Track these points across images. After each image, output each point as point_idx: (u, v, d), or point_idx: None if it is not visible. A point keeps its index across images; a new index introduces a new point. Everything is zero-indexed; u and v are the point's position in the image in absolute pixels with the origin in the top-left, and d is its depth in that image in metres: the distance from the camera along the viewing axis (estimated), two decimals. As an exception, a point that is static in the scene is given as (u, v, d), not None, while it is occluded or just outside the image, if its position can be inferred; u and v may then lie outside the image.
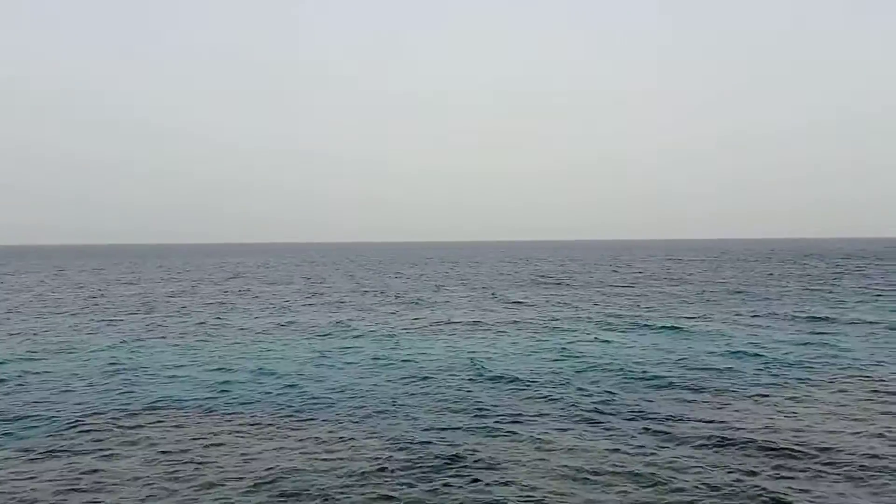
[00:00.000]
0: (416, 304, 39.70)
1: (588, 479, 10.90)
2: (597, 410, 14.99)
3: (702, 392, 16.56)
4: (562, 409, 15.23)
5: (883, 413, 14.46)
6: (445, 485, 10.77)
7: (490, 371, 19.33)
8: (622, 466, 11.39)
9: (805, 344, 23.19)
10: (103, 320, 32.45)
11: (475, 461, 11.79)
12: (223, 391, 17.40)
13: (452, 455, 12.09)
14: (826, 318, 29.56)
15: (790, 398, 15.87)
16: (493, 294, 46.07)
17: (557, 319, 31.15)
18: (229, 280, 65.95)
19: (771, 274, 64.61)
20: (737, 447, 12.26)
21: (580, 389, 17.01)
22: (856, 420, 13.94)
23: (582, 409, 15.06)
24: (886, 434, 12.92)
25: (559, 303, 39.26)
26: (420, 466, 11.59)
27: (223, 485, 10.88)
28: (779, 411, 14.73)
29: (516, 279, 62.89)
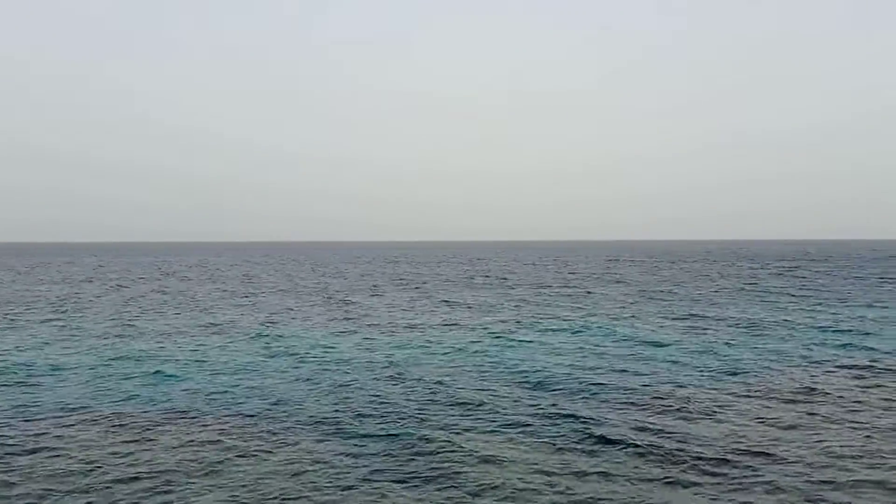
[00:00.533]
0: (346, 304, 38.90)
1: (510, 488, 10.49)
2: (523, 414, 14.64)
3: (629, 395, 16.27)
4: (484, 413, 14.81)
5: (808, 414, 14.47)
6: (352, 496, 10.25)
7: (411, 374, 18.82)
8: (547, 476, 11.00)
9: (727, 344, 23.40)
10: (16, 321, 30.76)
11: (388, 468, 11.31)
12: (132, 394, 16.67)
13: (364, 463, 11.60)
14: (754, 319, 30.01)
15: (714, 401, 15.77)
16: (427, 295, 45.62)
17: (488, 320, 30.88)
18: (161, 279, 63.88)
19: (706, 275, 65.87)
20: (663, 454, 11.97)
21: (503, 392, 16.65)
22: (782, 423, 13.83)
23: (506, 414, 14.69)
24: (811, 441, 12.82)
25: (491, 304, 39.04)
26: (330, 472, 11.09)
27: (114, 488, 10.51)
28: (705, 415, 14.55)
29: (456, 279, 62.57)
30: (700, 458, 11.65)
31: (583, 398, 16.07)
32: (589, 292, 46.60)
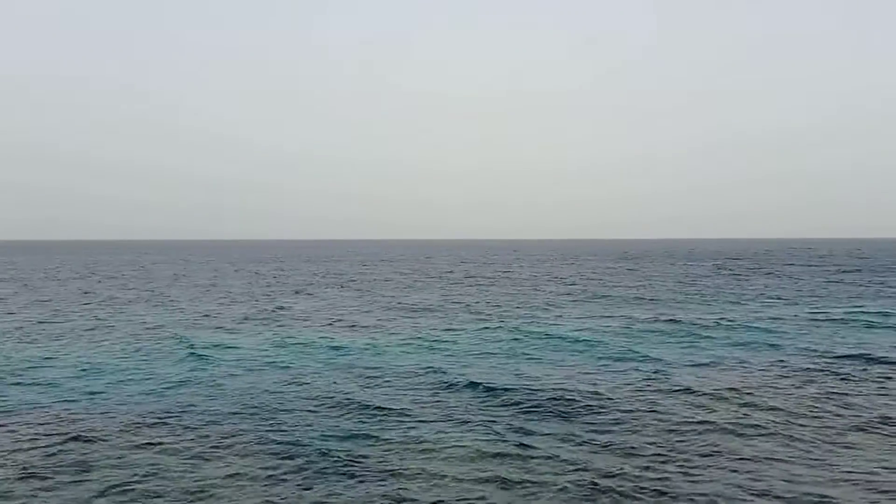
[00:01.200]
0: (269, 304, 37.28)
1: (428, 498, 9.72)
2: (443, 420, 13.88)
3: (552, 398, 15.51)
4: (403, 419, 13.96)
5: (735, 417, 14.01)
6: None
7: (327, 377, 17.81)
8: (468, 483, 10.34)
9: (655, 345, 23.01)
10: None
11: (295, 479, 10.32)
12: (21, 399, 15.66)
13: (269, 472, 10.61)
14: (685, 319, 29.81)
15: (636, 402, 15.20)
16: (361, 294, 44.47)
17: (417, 320, 30.00)
18: (83, 279, 61.05)
19: (646, 274, 66.33)
20: (584, 460, 11.33)
21: (423, 398, 15.82)
22: (705, 427, 13.25)
23: (425, 420, 13.89)
24: (734, 445, 12.34)
25: (425, 303, 38.17)
26: (226, 478, 10.11)
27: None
28: (625, 418, 13.94)
29: (392, 278, 61.52)
30: (618, 466, 11.05)
31: (502, 402, 15.28)
32: (527, 291, 46.14)
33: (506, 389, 16.23)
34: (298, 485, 10.27)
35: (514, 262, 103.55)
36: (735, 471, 10.79)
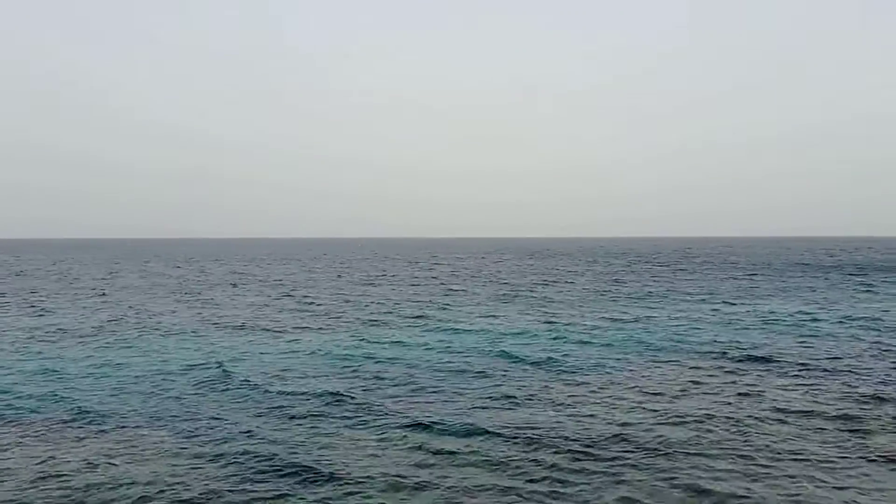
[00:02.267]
0: (141, 308, 34.24)
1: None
2: (313, 434, 12.55)
3: (463, 395, 14.87)
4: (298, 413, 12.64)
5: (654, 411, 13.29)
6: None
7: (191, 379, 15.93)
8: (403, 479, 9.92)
9: (580, 342, 22.39)
10: None
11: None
12: None
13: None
14: (587, 319, 29.13)
15: (549, 412, 14.16)
16: (266, 293, 42.31)
17: (326, 320, 28.30)
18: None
19: (573, 271, 66.26)
20: (506, 458, 10.96)
21: (318, 406, 14.37)
22: (615, 422, 12.66)
23: (344, 414, 13.23)
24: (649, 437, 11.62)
25: (332, 304, 36.39)
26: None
27: None
28: (535, 430, 12.77)
29: (303, 281, 59.33)
30: (519, 484, 10.08)
31: (377, 415, 13.80)
32: (433, 290, 44.91)
33: (382, 400, 14.83)
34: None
35: (434, 260, 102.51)
36: (639, 481, 10.01)
